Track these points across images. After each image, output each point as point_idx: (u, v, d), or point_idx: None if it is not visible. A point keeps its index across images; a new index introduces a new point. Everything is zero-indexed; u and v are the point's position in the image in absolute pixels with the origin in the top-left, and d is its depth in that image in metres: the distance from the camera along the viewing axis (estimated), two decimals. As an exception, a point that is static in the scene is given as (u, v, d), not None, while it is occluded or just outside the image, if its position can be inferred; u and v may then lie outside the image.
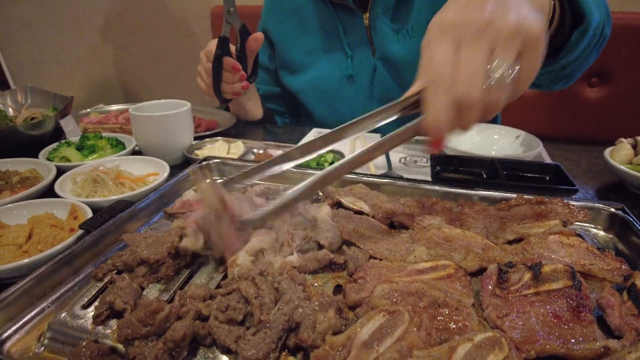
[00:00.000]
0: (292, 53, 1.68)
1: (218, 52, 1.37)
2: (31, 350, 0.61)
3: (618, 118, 2.29)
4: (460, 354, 0.50)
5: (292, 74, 1.72)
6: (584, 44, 1.02)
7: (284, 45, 1.69)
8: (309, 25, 1.62)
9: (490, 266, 0.66)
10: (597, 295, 0.63)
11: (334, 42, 1.60)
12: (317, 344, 0.53)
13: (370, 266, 0.67)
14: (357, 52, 1.59)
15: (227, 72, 1.42)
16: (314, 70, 1.66)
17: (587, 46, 1.05)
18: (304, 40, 1.64)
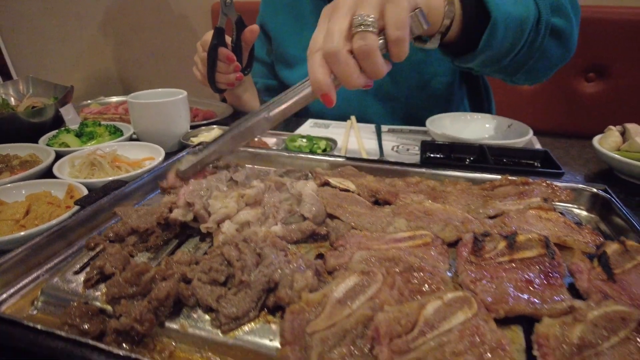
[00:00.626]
0: (288, 47, 1.71)
1: (213, 42, 1.40)
2: (25, 313, 0.64)
3: (615, 113, 2.30)
4: (429, 310, 0.52)
5: (289, 68, 1.74)
6: (503, 40, 1.02)
7: (281, 39, 1.72)
8: (305, 19, 1.65)
9: (465, 235, 0.68)
10: (568, 262, 0.65)
11: None
12: (294, 301, 0.55)
13: (350, 235, 0.70)
14: None
15: (222, 63, 1.45)
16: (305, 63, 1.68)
17: (516, 40, 1.05)
18: (301, 35, 1.67)
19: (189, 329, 0.57)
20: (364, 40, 0.71)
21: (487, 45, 1.01)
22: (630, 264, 0.64)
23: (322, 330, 0.52)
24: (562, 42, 1.19)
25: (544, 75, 1.29)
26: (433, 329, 0.50)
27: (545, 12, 1.09)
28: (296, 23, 1.67)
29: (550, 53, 1.18)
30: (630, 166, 1.11)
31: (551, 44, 1.16)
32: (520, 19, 1.04)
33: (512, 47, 1.07)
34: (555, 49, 1.19)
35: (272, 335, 0.55)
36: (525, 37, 1.08)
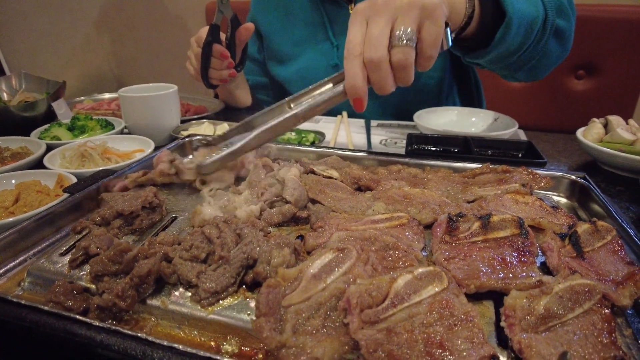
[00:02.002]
0: (280, 44, 1.73)
1: (208, 39, 1.42)
2: (11, 293, 0.65)
3: (605, 109, 2.32)
4: (400, 283, 0.54)
5: (280, 64, 1.76)
6: (515, 37, 1.07)
7: (272, 36, 1.74)
8: (296, 16, 1.67)
9: (441, 216, 0.70)
10: (540, 240, 0.67)
11: (320, 32, 1.65)
12: (271, 276, 0.57)
13: (330, 217, 0.71)
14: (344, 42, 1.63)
15: (216, 59, 1.47)
16: (301, 60, 1.70)
17: (525, 39, 1.10)
18: (292, 32, 1.69)
19: (169, 306, 0.59)
20: (404, 55, 0.74)
21: (500, 42, 1.04)
22: (599, 243, 0.66)
23: (297, 304, 0.53)
24: (562, 42, 1.23)
25: (543, 73, 1.32)
26: (403, 301, 0.52)
27: (551, 12, 1.13)
28: (286, 20, 1.69)
29: (551, 52, 1.22)
30: (612, 157, 1.13)
31: (553, 44, 1.20)
32: (531, 18, 1.08)
33: (521, 45, 1.11)
34: (556, 49, 1.23)
35: (250, 311, 0.57)
36: (534, 36, 1.12)
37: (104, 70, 2.30)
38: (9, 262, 0.71)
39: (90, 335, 0.52)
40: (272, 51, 1.77)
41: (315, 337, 0.50)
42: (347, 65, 0.76)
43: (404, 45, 0.74)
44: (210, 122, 1.44)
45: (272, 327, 0.51)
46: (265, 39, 1.77)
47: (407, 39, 0.74)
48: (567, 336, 0.51)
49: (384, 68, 0.74)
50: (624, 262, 0.62)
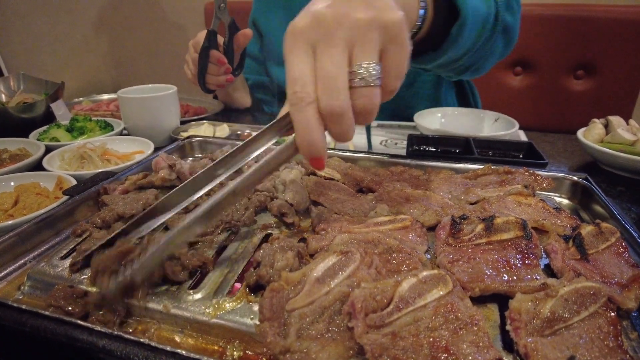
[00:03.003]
0: (280, 45, 1.72)
1: (205, 45, 1.42)
2: (11, 297, 0.65)
3: (604, 109, 2.32)
4: (404, 287, 0.54)
5: (280, 65, 1.76)
6: (468, 37, 1.00)
7: (273, 36, 1.74)
8: None
9: (444, 218, 0.70)
10: (544, 243, 0.67)
11: None
12: (275, 280, 0.57)
13: (333, 220, 0.71)
14: None
15: (213, 65, 1.46)
16: None
17: (477, 38, 1.04)
18: None
19: (171, 310, 0.58)
20: (370, 99, 0.57)
21: (453, 43, 0.97)
22: (604, 245, 0.65)
23: (300, 307, 0.53)
24: (509, 38, 1.18)
25: (485, 71, 1.27)
26: (408, 305, 0.52)
27: (502, 8, 1.08)
28: (287, 21, 1.68)
29: (497, 50, 1.18)
30: (612, 157, 1.13)
31: (500, 41, 1.15)
32: (484, 15, 1.03)
33: (472, 45, 1.06)
34: (501, 46, 1.18)
35: (253, 315, 0.56)
36: (485, 34, 1.06)
37: (103, 71, 2.30)
38: (9, 266, 0.70)
39: (92, 340, 0.51)
40: (272, 51, 1.76)
41: (319, 342, 0.49)
42: (296, 115, 0.56)
43: (368, 87, 0.56)
44: (210, 123, 1.43)
45: (276, 332, 0.50)
46: (265, 39, 1.76)
47: (372, 78, 0.56)
48: (573, 340, 0.50)
49: (347, 117, 0.56)
50: (629, 264, 0.62)
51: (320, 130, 0.56)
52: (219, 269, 0.65)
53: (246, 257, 0.68)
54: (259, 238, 0.73)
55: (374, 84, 0.56)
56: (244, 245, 0.71)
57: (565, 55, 2.26)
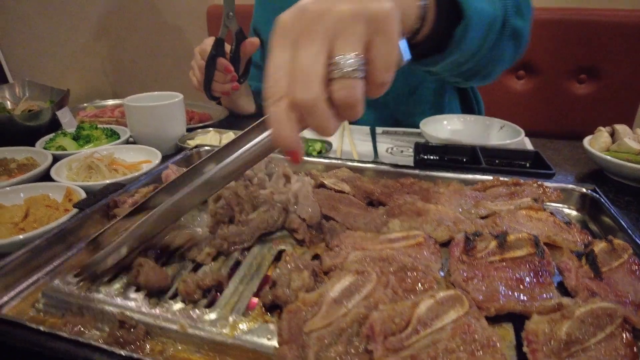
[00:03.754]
0: None
1: (212, 53, 1.42)
2: (26, 315, 0.65)
3: (607, 113, 2.33)
4: (422, 308, 0.54)
5: None
6: (473, 39, 0.97)
7: None
8: None
9: (457, 235, 0.70)
10: (557, 260, 0.67)
11: None
12: (291, 300, 0.57)
13: (346, 236, 0.71)
14: None
15: (220, 72, 1.46)
16: None
17: (483, 43, 1.01)
18: None
19: (188, 329, 0.58)
20: (348, 91, 0.55)
21: (458, 45, 0.95)
22: (617, 262, 0.66)
23: (318, 329, 0.53)
24: (518, 44, 1.16)
25: (494, 77, 1.25)
26: (426, 327, 0.52)
27: (511, 12, 1.06)
28: None
29: (506, 55, 1.15)
30: (619, 166, 1.13)
31: (509, 46, 1.13)
32: (490, 18, 1.00)
33: (479, 48, 1.03)
34: (511, 51, 1.16)
35: (270, 334, 0.57)
36: (492, 38, 1.04)
37: (105, 74, 2.30)
38: (22, 282, 0.70)
39: (111, 363, 0.52)
40: None
41: (338, 365, 0.50)
42: (269, 109, 0.57)
43: (347, 78, 0.54)
44: (216, 130, 1.44)
45: (295, 355, 0.50)
46: (267, 46, 1.76)
47: (351, 69, 0.54)
48: (590, 362, 0.51)
49: (320, 109, 0.55)
50: (642, 282, 0.62)
51: (289, 125, 0.56)
52: (233, 287, 0.65)
53: (260, 274, 0.68)
54: (272, 254, 0.73)
55: (354, 76, 0.55)
56: (257, 262, 0.71)
57: (568, 59, 2.26)
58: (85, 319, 0.63)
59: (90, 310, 0.63)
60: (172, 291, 0.65)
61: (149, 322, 0.60)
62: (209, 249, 0.70)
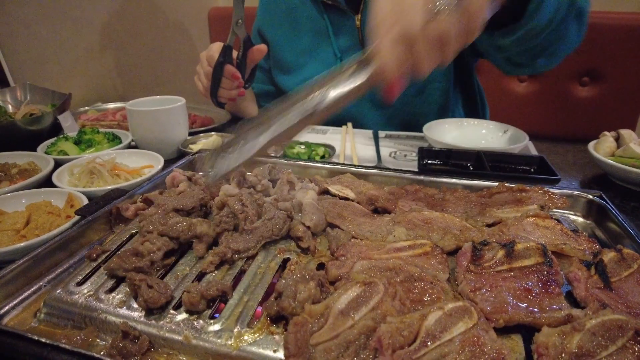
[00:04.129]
0: (285, 54, 1.72)
1: (220, 60, 1.39)
2: (27, 324, 0.64)
3: (609, 116, 2.32)
4: (430, 320, 0.53)
5: (285, 74, 1.75)
6: (545, 11, 1.02)
7: (278, 46, 1.73)
8: (301, 26, 1.66)
9: (465, 244, 0.69)
10: (566, 270, 0.66)
11: (325, 43, 1.63)
12: (297, 312, 0.56)
13: (351, 245, 0.70)
14: (348, 54, 1.61)
15: (227, 79, 1.44)
16: (305, 70, 1.69)
17: (554, 15, 1.05)
18: (297, 41, 1.67)
19: (192, 341, 0.57)
20: (446, 25, 0.63)
21: (532, 15, 0.99)
22: (626, 272, 0.65)
23: (325, 342, 0.52)
24: (580, 25, 1.20)
25: (559, 59, 1.28)
26: (435, 340, 0.51)
27: None
28: (292, 30, 1.68)
29: (571, 35, 1.19)
30: (624, 172, 1.13)
31: (573, 26, 1.16)
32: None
33: (549, 22, 1.06)
34: (574, 32, 1.19)
35: (275, 346, 0.56)
36: (562, 14, 1.07)
37: (108, 78, 2.29)
38: (24, 291, 0.70)
39: (115, 376, 0.51)
40: (277, 61, 1.76)
41: (346, 379, 0.49)
42: (378, 42, 0.64)
43: (445, 12, 0.62)
44: (218, 134, 1.43)
45: (301, 368, 0.50)
46: (270, 48, 1.75)
47: (447, 4, 0.62)
48: (602, 376, 0.50)
49: (425, 43, 0.63)
50: (653, 293, 0.61)
51: (395, 55, 0.63)
52: (237, 296, 0.64)
53: (265, 284, 0.67)
54: (277, 263, 0.72)
55: (450, 11, 0.62)
56: (262, 271, 0.70)
57: (571, 61, 2.24)
58: (88, 330, 0.62)
59: (92, 320, 0.63)
60: (177, 301, 0.64)
61: (153, 333, 0.59)
62: (212, 257, 0.69)
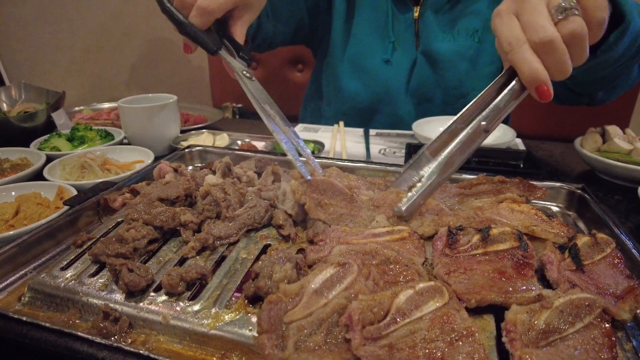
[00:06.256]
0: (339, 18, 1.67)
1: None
2: (11, 308, 0.65)
3: (601, 116, 2.33)
4: (401, 299, 0.54)
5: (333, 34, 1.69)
6: (623, 44, 1.03)
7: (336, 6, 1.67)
8: None
9: (441, 229, 0.70)
10: (540, 254, 0.67)
11: (381, 22, 1.62)
12: (273, 291, 0.57)
13: (331, 231, 0.72)
14: (402, 41, 1.62)
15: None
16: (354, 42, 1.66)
17: (628, 49, 1.07)
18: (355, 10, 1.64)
19: (170, 321, 0.59)
20: (576, 23, 0.68)
21: (611, 47, 1.01)
22: (599, 256, 0.66)
23: (298, 320, 0.53)
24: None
25: (617, 94, 1.32)
26: (405, 317, 0.52)
27: None
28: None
29: (632, 74, 1.21)
30: (609, 166, 1.14)
31: (636, 66, 1.19)
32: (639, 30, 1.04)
33: (622, 56, 1.09)
34: (635, 72, 1.21)
35: (251, 326, 0.57)
36: (632, 50, 1.09)
37: (103, 78, 2.31)
38: (9, 277, 0.71)
39: (93, 352, 0.52)
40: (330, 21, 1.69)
41: (317, 354, 0.50)
42: (515, 57, 0.70)
43: (571, 14, 0.68)
44: (209, 132, 1.45)
45: (274, 344, 0.51)
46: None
47: (571, 7, 0.67)
48: (568, 351, 0.51)
49: (559, 46, 0.68)
50: (624, 275, 0.63)
51: (538, 60, 0.69)
52: (217, 280, 0.66)
53: (245, 268, 0.68)
54: (257, 249, 0.73)
55: (574, 13, 0.68)
56: (242, 256, 0.71)
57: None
58: (70, 313, 0.63)
59: (75, 303, 0.64)
60: (157, 284, 0.65)
61: (133, 314, 0.60)
62: (194, 243, 0.70)
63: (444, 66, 1.60)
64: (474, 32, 1.57)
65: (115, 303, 0.62)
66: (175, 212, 0.76)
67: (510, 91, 0.74)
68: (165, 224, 0.75)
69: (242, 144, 1.41)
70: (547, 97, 0.70)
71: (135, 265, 0.64)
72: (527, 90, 0.73)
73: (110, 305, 0.61)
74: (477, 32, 1.57)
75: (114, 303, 0.62)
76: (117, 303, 0.62)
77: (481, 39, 1.57)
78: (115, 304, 0.62)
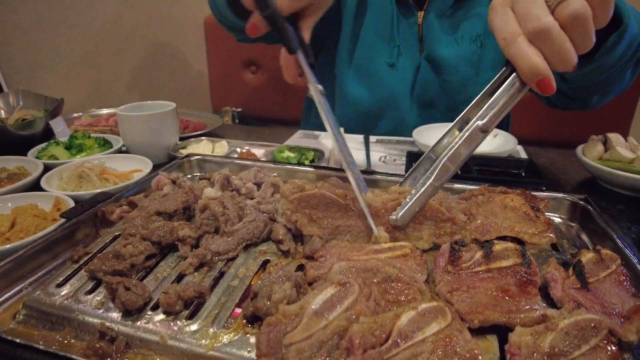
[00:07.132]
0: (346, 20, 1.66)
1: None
2: (6, 326, 0.64)
3: (601, 122, 2.33)
4: (403, 320, 0.53)
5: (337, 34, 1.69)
6: (620, 48, 1.02)
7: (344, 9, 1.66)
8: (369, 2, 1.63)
9: (443, 245, 0.69)
10: (544, 271, 0.66)
11: (387, 26, 1.61)
12: (272, 312, 0.56)
13: (331, 246, 0.71)
14: (406, 46, 1.62)
15: None
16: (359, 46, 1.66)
17: (624, 53, 1.05)
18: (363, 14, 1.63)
19: (168, 341, 0.58)
20: (576, 4, 0.61)
21: (608, 51, 1.00)
22: (604, 273, 0.65)
23: (298, 342, 0.52)
24: (634, 73, 1.22)
25: (610, 98, 1.32)
26: (407, 340, 0.51)
27: None
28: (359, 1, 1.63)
29: (625, 79, 1.20)
30: (611, 175, 1.13)
31: (629, 71, 1.18)
32: (635, 34, 1.04)
33: (618, 61, 1.07)
34: (628, 77, 1.21)
35: (250, 347, 0.56)
36: (629, 54, 1.08)
37: (103, 84, 2.30)
38: (4, 293, 0.70)
39: (88, 376, 0.51)
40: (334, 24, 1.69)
41: (317, 378, 0.49)
42: (510, 51, 0.65)
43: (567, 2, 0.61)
44: (208, 139, 1.44)
45: (273, 368, 0.50)
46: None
47: None
48: (574, 375, 0.50)
49: (556, 31, 0.62)
50: (629, 293, 0.61)
51: (536, 53, 0.64)
52: (215, 298, 0.65)
53: (243, 285, 0.67)
54: (256, 264, 0.72)
55: None
56: (241, 273, 0.70)
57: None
58: (65, 331, 0.62)
59: (70, 321, 0.63)
60: (155, 302, 0.64)
61: (130, 333, 0.59)
62: (192, 259, 0.69)
63: (447, 71, 1.60)
64: (477, 37, 1.57)
65: (112, 322, 0.61)
66: (174, 227, 0.75)
67: (508, 87, 0.70)
68: (163, 239, 0.74)
69: (242, 151, 1.40)
70: (550, 90, 0.65)
71: (132, 283, 0.63)
72: (527, 86, 0.69)
73: (106, 324, 0.60)
74: (479, 37, 1.56)
75: (111, 322, 0.61)
76: (114, 322, 0.61)
77: (483, 43, 1.56)
78: (111, 323, 0.60)
